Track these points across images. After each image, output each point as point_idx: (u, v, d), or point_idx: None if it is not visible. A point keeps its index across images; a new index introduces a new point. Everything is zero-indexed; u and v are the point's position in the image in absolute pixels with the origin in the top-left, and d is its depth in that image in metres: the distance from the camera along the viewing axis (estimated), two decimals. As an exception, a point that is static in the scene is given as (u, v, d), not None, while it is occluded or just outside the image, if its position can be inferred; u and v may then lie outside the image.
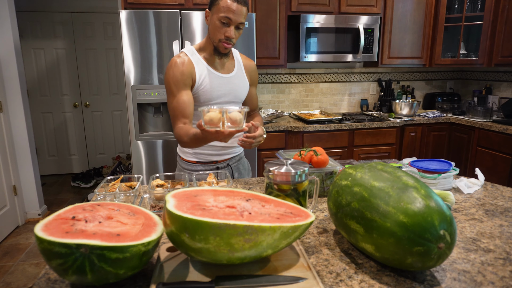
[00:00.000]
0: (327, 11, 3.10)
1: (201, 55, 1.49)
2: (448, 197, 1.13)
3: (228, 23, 1.38)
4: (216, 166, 1.60)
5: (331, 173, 1.27)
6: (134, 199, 1.17)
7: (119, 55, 4.46)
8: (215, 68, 1.50)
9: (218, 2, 1.37)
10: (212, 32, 1.42)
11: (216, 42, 1.43)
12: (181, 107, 1.42)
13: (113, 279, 0.71)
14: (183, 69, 1.42)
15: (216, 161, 1.60)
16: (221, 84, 1.50)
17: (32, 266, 2.53)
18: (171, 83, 1.42)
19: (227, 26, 1.38)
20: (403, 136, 3.25)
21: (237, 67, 1.57)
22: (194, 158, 1.58)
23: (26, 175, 3.18)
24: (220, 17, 1.37)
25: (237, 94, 1.56)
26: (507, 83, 3.39)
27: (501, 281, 0.76)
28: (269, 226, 0.72)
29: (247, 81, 1.61)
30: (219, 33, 1.40)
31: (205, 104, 1.49)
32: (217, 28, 1.39)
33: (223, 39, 1.41)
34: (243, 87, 1.58)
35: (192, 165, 1.59)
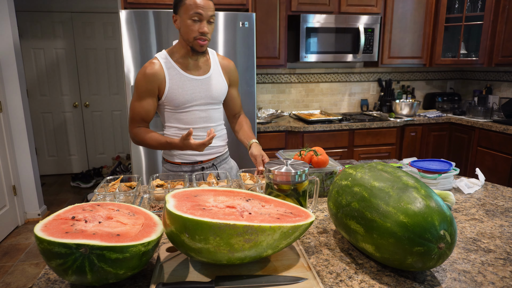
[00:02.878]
0: (327, 11, 3.10)
1: (173, 59, 1.50)
2: (448, 197, 1.12)
3: (200, 19, 1.38)
4: (201, 167, 1.60)
5: (331, 173, 1.27)
6: (134, 199, 1.17)
7: (119, 55, 4.46)
8: (188, 71, 1.50)
9: (184, 2, 1.38)
10: (185, 32, 1.42)
11: (191, 41, 1.42)
12: (144, 113, 1.49)
13: (113, 279, 0.71)
14: (151, 78, 1.45)
15: (201, 161, 1.60)
16: (195, 86, 1.50)
17: (32, 266, 2.53)
18: (138, 88, 1.47)
19: (199, 22, 1.39)
20: (403, 136, 3.25)
21: (213, 68, 1.57)
22: (178, 160, 1.59)
23: (26, 175, 3.18)
24: (190, 15, 1.37)
25: (214, 95, 1.55)
26: (508, 83, 3.39)
27: (502, 281, 0.76)
28: (269, 226, 0.72)
29: (224, 82, 1.60)
30: (192, 32, 1.40)
31: (180, 107, 1.50)
32: (189, 27, 1.39)
33: (198, 36, 1.40)
34: (220, 88, 1.57)
35: (178, 166, 1.59)
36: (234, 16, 2.54)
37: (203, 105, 1.53)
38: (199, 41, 1.41)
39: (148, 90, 1.46)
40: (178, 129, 1.54)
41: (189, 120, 1.53)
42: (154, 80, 1.45)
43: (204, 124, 1.56)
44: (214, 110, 1.58)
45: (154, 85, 1.46)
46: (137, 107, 1.49)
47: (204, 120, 1.55)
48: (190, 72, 1.51)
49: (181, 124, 1.53)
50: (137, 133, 1.51)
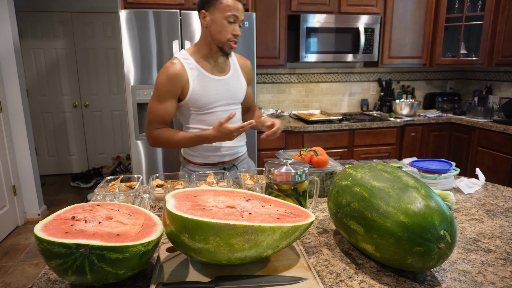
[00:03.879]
0: (327, 11, 3.10)
1: (194, 59, 1.47)
2: (448, 197, 1.12)
3: (235, 21, 1.38)
4: (222, 167, 1.60)
5: (331, 173, 1.27)
6: (134, 199, 1.17)
7: (119, 55, 4.46)
8: (210, 71, 1.48)
9: (220, 1, 1.35)
10: (218, 32, 1.39)
11: (223, 42, 1.41)
12: (165, 115, 1.46)
13: (113, 279, 0.71)
14: (175, 79, 1.41)
15: (223, 162, 1.60)
16: (217, 87, 1.48)
17: (32, 266, 2.53)
18: (160, 89, 1.43)
19: (233, 24, 1.38)
20: (404, 136, 3.25)
21: (233, 68, 1.56)
22: (201, 160, 1.58)
23: (26, 175, 3.18)
24: (227, 16, 1.36)
25: (235, 96, 1.54)
26: (508, 83, 3.39)
27: (502, 282, 0.76)
28: (269, 226, 0.72)
29: (244, 81, 1.59)
30: (226, 33, 1.38)
31: (204, 109, 1.48)
32: (224, 27, 1.38)
33: (231, 38, 1.40)
34: (240, 88, 1.57)
35: (199, 166, 1.59)
36: (234, 16, 2.53)
37: (225, 106, 1.52)
38: (231, 43, 1.41)
39: (170, 91, 1.42)
40: (200, 130, 1.52)
41: (212, 121, 1.51)
42: (177, 81, 1.42)
43: None
44: (235, 110, 1.56)
45: (177, 87, 1.42)
46: (158, 108, 1.44)
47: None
48: (212, 73, 1.49)
49: (203, 125, 1.52)
50: (159, 134, 1.46)
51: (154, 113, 1.45)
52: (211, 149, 1.55)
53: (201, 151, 1.56)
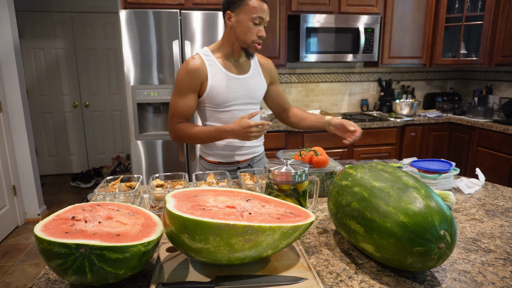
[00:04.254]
0: (327, 11, 3.10)
1: (216, 56, 1.48)
2: (448, 197, 1.12)
3: (260, 23, 1.39)
4: (237, 166, 1.60)
5: (331, 173, 1.27)
6: (134, 199, 1.17)
7: (119, 55, 4.46)
8: (230, 70, 1.49)
9: (246, 2, 1.36)
10: (243, 33, 1.40)
11: (248, 44, 1.42)
12: (186, 109, 1.46)
13: (113, 279, 0.71)
14: (194, 73, 1.42)
15: (238, 161, 1.60)
16: (235, 85, 1.49)
17: (32, 266, 2.53)
18: (180, 83, 1.44)
19: (259, 26, 1.39)
20: (404, 136, 3.25)
21: (253, 67, 1.56)
22: (216, 159, 1.58)
23: (26, 175, 3.18)
24: (253, 18, 1.37)
25: (253, 95, 1.54)
26: (508, 83, 3.39)
27: (502, 282, 0.76)
28: (269, 226, 0.72)
29: (263, 81, 1.59)
30: (251, 34, 1.40)
31: (221, 106, 1.49)
32: (250, 29, 1.39)
33: (256, 40, 1.41)
34: (259, 88, 1.57)
35: (214, 165, 1.59)
36: (234, 16, 2.53)
37: (243, 105, 1.52)
38: (256, 45, 1.42)
39: (190, 86, 1.43)
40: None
41: (229, 119, 1.51)
42: (196, 76, 1.43)
43: None
44: (252, 110, 1.57)
45: (197, 81, 1.43)
46: (179, 103, 1.45)
47: None
48: (232, 71, 1.49)
49: (220, 123, 1.52)
50: (180, 128, 1.47)
51: (175, 108, 1.46)
52: (227, 148, 1.56)
53: (216, 149, 1.56)
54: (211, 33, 2.52)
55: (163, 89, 2.53)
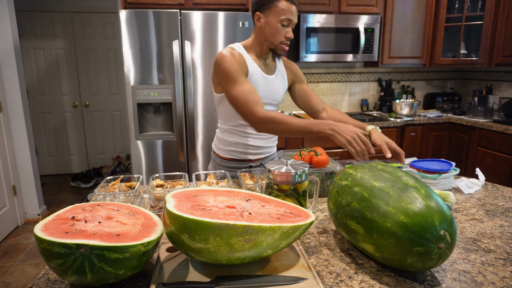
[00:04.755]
0: (327, 11, 3.10)
1: (249, 54, 1.49)
2: (448, 197, 1.12)
3: (288, 24, 1.40)
4: (249, 165, 1.61)
5: (331, 173, 1.27)
6: (134, 199, 1.17)
7: (119, 55, 4.46)
8: (261, 68, 1.51)
9: (275, 4, 1.38)
10: (271, 34, 1.41)
11: (276, 45, 1.43)
12: (254, 93, 1.36)
13: (113, 279, 0.71)
14: (239, 60, 1.41)
15: (250, 159, 1.61)
16: (264, 85, 1.50)
17: (32, 266, 2.53)
18: (232, 72, 1.36)
19: (287, 27, 1.41)
20: (404, 136, 3.25)
21: (278, 69, 1.58)
22: (229, 155, 1.59)
23: (26, 175, 3.18)
24: (281, 20, 1.38)
25: (275, 97, 1.56)
26: (508, 83, 3.39)
27: (502, 282, 0.76)
28: (269, 226, 0.72)
29: (286, 84, 1.61)
30: (279, 35, 1.41)
31: None
32: (278, 30, 1.40)
33: (284, 41, 1.42)
34: (281, 90, 1.58)
35: (227, 161, 1.60)
36: (234, 16, 2.54)
37: (264, 105, 1.52)
38: (283, 46, 1.43)
39: (241, 70, 1.39)
40: (236, 124, 1.53)
41: None
42: (242, 63, 1.41)
43: None
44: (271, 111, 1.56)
45: (244, 67, 1.41)
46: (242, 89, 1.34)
47: None
48: (263, 70, 1.51)
49: (239, 120, 1.51)
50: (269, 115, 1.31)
51: (243, 95, 1.34)
52: (242, 146, 1.57)
53: (231, 146, 1.58)
54: (211, 33, 2.52)
55: (163, 89, 2.53)
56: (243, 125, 1.53)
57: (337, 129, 1.21)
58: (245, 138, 1.56)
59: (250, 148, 1.58)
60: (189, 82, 2.53)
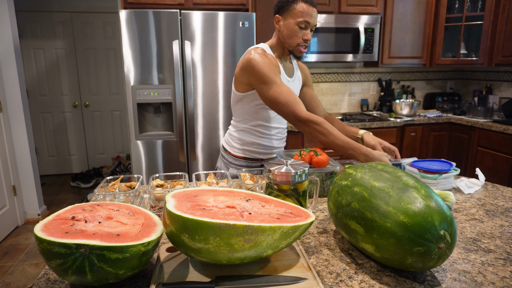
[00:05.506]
0: (327, 11, 3.10)
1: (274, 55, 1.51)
2: (448, 197, 1.12)
3: (306, 27, 1.40)
4: (260, 164, 1.63)
5: (331, 173, 1.27)
6: (134, 199, 1.17)
7: (119, 55, 4.46)
8: (284, 71, 1.52)
9: (293, 6, 1.38)
10: (289, 37, 1.42)
11: (293, 47, 1.44)
12: (293, 93, 1.35)
13: (113, 279, 0.71)
14: (273, 61, 1.42)
15: (261, 159, 1.62)
16: None
17: (32, 266, 2.53)
18: (268, 73, 1.35)
19: (304, 30, 1.41)
20: (404, 136, 3.25)
21: (296, 72, 1.60)
22: (241, 154, 1.61)
23: (26, 175, 3.18)
24: (299, 22, 1.38)
25: None
26: (508, 83, 3.39)
27: (502, 282, 0.76)
28: (269, 226, 0.72)
29: (300, 86, 1.63)
30: (297, 38, 1.41)
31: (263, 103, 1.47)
32: (295, 32, 1.41)
33: (301, 43, 1.42)
34: (297, 93, 1.60)
35: (238, 159, 1.62)
36: (234, 16, 2.54)
37: None
38: (300, 48, 1.43)
39: (277, 70, 1.40)
40: (254, 124, 1.54)
41: (266, 117, 1.53)
42: (276, 65, 1.42)
43: (277, 125, 1.58)
44: None
45: (278, 70, 1.41)
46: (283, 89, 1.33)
47: (278, 121, 1.58)
48: (285, 72, 1.53)
49: (258, 120, 1.53)
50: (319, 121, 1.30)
51: (284, 95, 1.33)
52: (255, 145, 1.59)
53: (244, 145, 1.59)
54: (211, 33, 2.52)
55: (163, 89, 2.53)
56: (261, 125, 1.55)
57: (371, 157, 1.25)
58: (261, 138, 1.57)
59: (264, 148, 1.60)
60: (189, 82, 2.53)
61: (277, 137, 1.62)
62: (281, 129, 1.63)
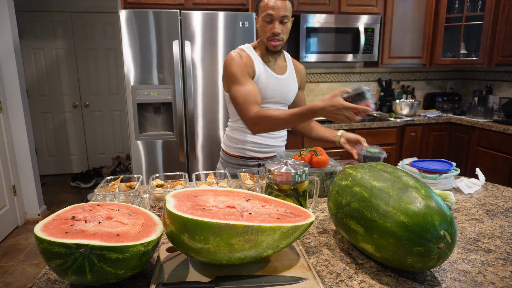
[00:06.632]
0: (327, 11, 3.10)
1: (257, 54, 1.52)
2: (448, 197, 1.12)
3: (271, 20, 1.41)
4: (257, 163, 1.63)
5: (331, 173, 1.27)
6: (134, 199, 1.17)
7: (119, 55, 4.46)
8: (271, 68, 1.53)
9: (260, 4, 1.43)
10: (261, 33, 1.46)
11: (265, 42, 1.46)
12: (253, 94, 1.40)
13: (113, 279, 0.71)
14: (245, 61, 1.45)
15: (259, 158, 1.62)
16: (275, 84, 1.52)
17: (32, 266, 2.53)
18: (237, 73, 1.42)
19: (271, 23, 1.42)
20: (404, 136, 3.25)
21: (289, 70, 1.60)
22: (238, 153, 1.61)
23: (26, 175, 3.18)
24: (263, 17, 1.42)
25: (286, 97, 1.57)
26: (508, 83, 3.39)
27: (502, 282, 0.76)
28: (269, 226, 0.72)
29: (296, 85, 1.63)
30: (265, 32, 1.44)
31: None
32: (263, 27, 1.44)
33: (270, 37, 1.44)
34: (292, 90, 1.60)
35: (235, 159, 1.62)
36: (234, 16, 2.53)
37: (275, 104, 1.55)
38: (271, 42, 1.44)
39: (247, 72, 1.43)
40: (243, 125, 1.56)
41: None
42: (249, 64, 1.45)
43: None
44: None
45: (249, 68, 1.45)
46: (243, 90, 1.39)
47: None
48: (272, 70, 1.53)
49: None
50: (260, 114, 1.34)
51: (242, 97, 1.39)
52: (250, 144, 1.59)
53: (240, 144, 1.60)
54: (211, 33, 2.52)
55: (163, 89, 2.53)
56: None
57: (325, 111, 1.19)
58: (254, 137, 1.58)
59: (261, 146, 1.60)
60: (189, 82, 2.53)
61: (273, 135, 1.61)
62: None
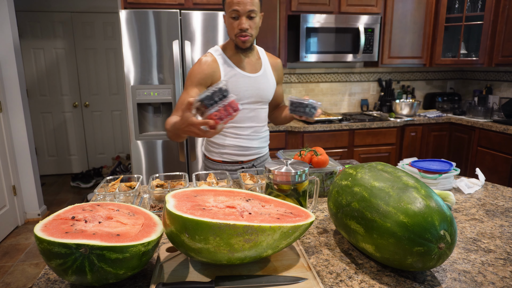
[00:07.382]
0: (327, 11, 3.10)
1: (227, 55, 1.50)
2: (448, 197, 1.12)
3: (237, 16, 1.39)
4: (241, 166, 1.60)
5: (331, 173, 1.27)
6: (134, 199, 1.17)
7: (119, 55, 4.46)
8: (242, 68, 1.50)
9: (225, 2, 1.41)
10: (228, 31, 1.45)
11: (234, 39, 1.44)
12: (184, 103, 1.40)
13: (113, 279, 0.71)
14: (205, 68, 1.44)
15: (242, 161, 1.60)
16: (247, 84, 1.49)
17: (32, 266, 2.53)
18: (191, 77, 1.45)
19: (237, 19, 1.40)
20: (404, 136, 3.25)
21: (264, 66, 1.57)
22: (219, 158, 1.59)
23: (26, 175, 3.18)
24: (229, 13, 1.40)
25: (263, 95, 1.55)
26: (508, 83, 3.39)
27: (502, 282, 0.76)
28: (269, 226, 0.72)
29: (274, 81, 1.60)
30: (233, 29, 1.42)
31: None
32: (230, 24, 1.42)
33: (238, 33, 1.42)
34: (269, 87, 1.57)
35: (218, 164, 1.60)
36: (234, 16, 2.53)
37: (252, 104, 1.53)
38: (240, 38, 1.42)
39: (201, 80, 1.44)
40: (226, 126, 1.53)
41: (236, 118, 1.52)
42: (209, 72, 1.44)
43: (250, 124, 1.55)
44: (261, 110, 1.57)
45: (208, 77, 1.44)
46: (183, 97, 1.42)
47: (251, 119, 1.55)
48: (244, 69, 1.50)
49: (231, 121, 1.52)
50: (167, 121, 1.39)
51: (179, 101, 1.44)
52: (232, 148, 1.56)
53: (221, 148, 1.57)
54: (211, 33, 2.52)
55: (163, 89, 2.53)
56: (233, 126, 1.53)
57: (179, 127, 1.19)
58: (236, 139, 1.55)
59: (242, 149, 1.57)
60: (189, 82, 2.53)
61: (254, 136, 1.57)
62: (257, 127, 1.57)
